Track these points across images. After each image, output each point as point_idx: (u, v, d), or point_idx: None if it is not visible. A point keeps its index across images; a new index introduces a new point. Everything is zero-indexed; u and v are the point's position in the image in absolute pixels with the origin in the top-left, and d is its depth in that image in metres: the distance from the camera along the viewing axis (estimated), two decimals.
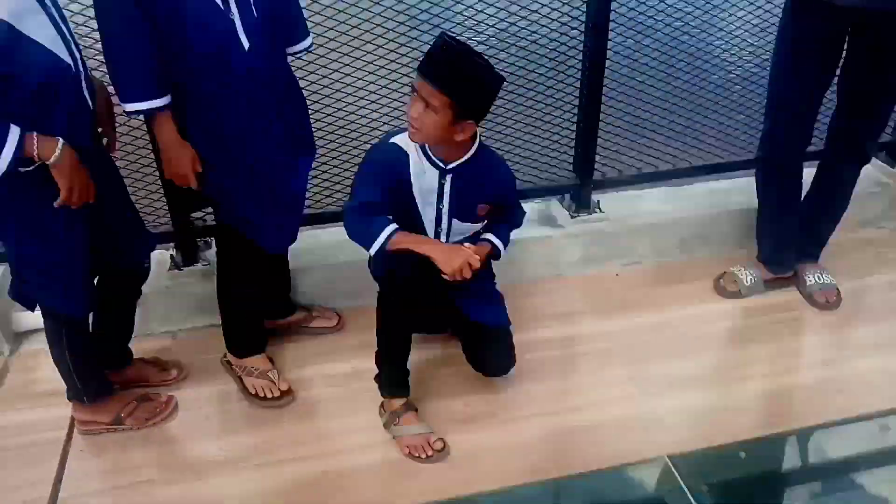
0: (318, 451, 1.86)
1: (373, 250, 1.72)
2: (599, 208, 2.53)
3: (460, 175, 1.77)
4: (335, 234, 2.20)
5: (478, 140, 1.77)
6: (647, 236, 2.53)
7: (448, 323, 2.14)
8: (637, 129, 2.58)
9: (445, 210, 1.80)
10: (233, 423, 1.95)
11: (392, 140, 1.77)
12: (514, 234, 1.95)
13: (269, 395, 1.96)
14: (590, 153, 2.42)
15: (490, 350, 1.96)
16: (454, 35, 1.67)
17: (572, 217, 2.51)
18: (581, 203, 2.52)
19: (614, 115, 2.52)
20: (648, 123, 2.59)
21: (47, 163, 1.43)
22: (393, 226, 1.70)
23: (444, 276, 1.69)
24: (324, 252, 2.32)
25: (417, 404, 1.93)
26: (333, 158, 2.34)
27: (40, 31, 1.41)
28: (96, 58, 1.63)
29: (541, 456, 1.83)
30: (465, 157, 1.75)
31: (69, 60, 1.48)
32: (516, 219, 1.96)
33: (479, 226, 1.88)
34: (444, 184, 1.76)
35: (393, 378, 1.90)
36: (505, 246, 1.90)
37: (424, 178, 1.76)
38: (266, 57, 1.69)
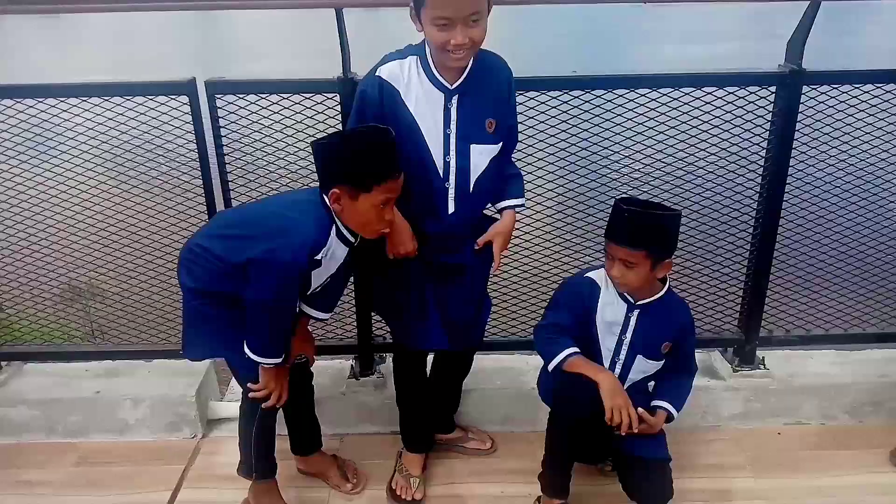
0: None
1: (550, 366, 1.88)
2: (764, 365, 2.48)
3: (647, 312, 1.89)
4: (496, 360, 2.29)
5: (667, 284, 1.91)
6: (814, 397, 2.46)
7: (607, 454, 2.18)
8: (810, 287, 2.53)
9: (626, 342, 1.91)
10: None
11: (587, 274, 1.94)
12: None
13: (402, 496, 2.14)
14: (757, 309, 2.40)
15: (648, 481, 1.97)
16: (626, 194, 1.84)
17: (734, 371, 2.48)
18: (744, 358, 2.48)
19: (786, 270, 2.50)
20: (822, 282, 2.53)
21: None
22: (575, 349, 1.86)
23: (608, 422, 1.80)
24: (483, 376, 2.42)
25: None
26: (503, 293, 2.45)
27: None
28: None
29: None
30: (654, 298, 1.89)
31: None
32: (689, 381, 2.02)
33: (659, 364, 1.96)
34: (630, 317, 1.89)
35: (556, 483, 2.03)
36: (679, 410, 1.97)
37: (611, 310, 1.90)
38: (467, 219, 1.89)
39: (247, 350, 1.78)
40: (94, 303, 2.72)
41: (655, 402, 1.96)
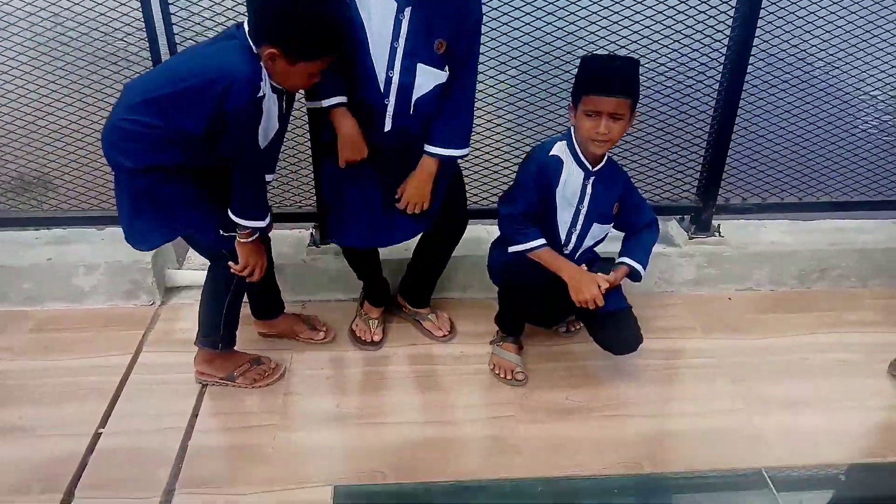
0: (424, 418, 2.00)
1: (513, 248, 1.93)
2: (719, 233, 2.53)
3: (600, 178, 1.92)
4: None
5: None
6: (765, 264, 2.53)
7: (558, 319, 2.28)
8: (767, 157, 2.56)
9: (584, 211, 1.94)
10: (348, 385, 2.13)
11: (552, 152, 1.91)
12: None
13: (362, 337, 2.24)
14: (716, 178, 2.43)
15: (617, 331, 2.03)
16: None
17: (690, 238, 2.53)
18: (700, 226, 2.52)
19: (745, 141, 2.51)
20: (779, 153, 2.55)
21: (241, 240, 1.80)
22: (544, 241, 1.91)
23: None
24: None
25: (523, 391, 2.10)
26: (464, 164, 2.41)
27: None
28: None
29: (636, 452, 1.89)
30: (604, 164, 1.91)
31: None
32: (651, 233, 2.05)
33: (609, 227, 2.01)
34: (586, 185, 1.91)
35: (510, 323, 2.18)
36: (645, 266, 2.00)
37: (571, 182, 1.91)
38: (404, 137, 1.84)
39: (232, 215, 1.73)
40: (46, 192, 2.62)
41: (620, 260, 2.00)
